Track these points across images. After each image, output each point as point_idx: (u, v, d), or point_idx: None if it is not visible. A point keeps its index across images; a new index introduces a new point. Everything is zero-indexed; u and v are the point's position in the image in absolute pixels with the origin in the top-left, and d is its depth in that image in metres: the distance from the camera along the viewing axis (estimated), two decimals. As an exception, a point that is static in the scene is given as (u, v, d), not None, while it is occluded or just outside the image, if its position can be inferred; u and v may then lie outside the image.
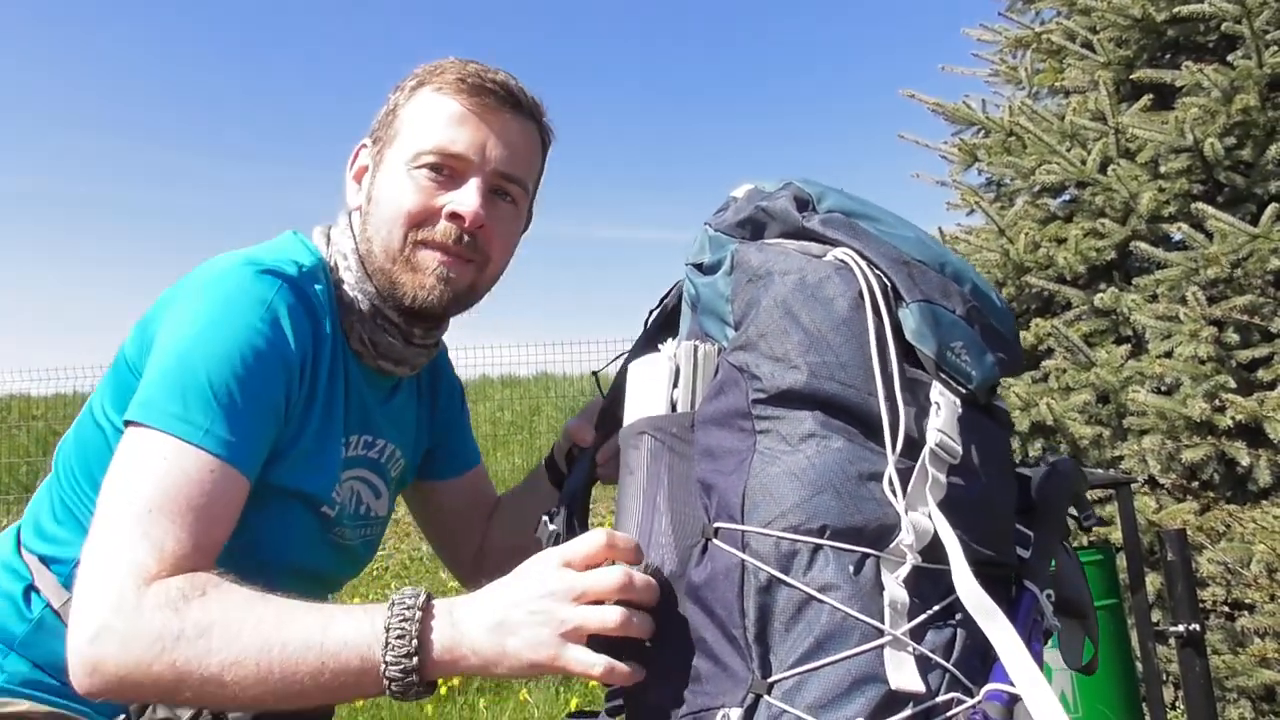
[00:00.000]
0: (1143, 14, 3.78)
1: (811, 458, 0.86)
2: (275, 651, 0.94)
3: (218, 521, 1.07)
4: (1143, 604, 2.41)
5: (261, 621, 0.95)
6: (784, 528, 0.85)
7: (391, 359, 1.33)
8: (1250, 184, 3.47)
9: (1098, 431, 3.40)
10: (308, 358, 1.21)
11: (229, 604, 0.97)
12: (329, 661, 0.94)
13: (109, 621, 0.95)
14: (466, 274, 1.29)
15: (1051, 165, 3.79)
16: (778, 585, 0.84)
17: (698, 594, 0.87)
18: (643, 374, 1.02)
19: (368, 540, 1.41)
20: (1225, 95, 3.44)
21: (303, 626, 0.95)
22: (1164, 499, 3.26)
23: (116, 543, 1.00)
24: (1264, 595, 2.94)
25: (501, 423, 10.06)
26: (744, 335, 0.94)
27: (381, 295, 1.29)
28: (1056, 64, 4.29)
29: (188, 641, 0.94)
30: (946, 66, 4.85)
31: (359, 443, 1.34)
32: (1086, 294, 3.65)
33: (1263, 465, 3.08)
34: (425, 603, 0.95)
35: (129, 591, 0.96)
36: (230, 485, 1.08)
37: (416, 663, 0.92)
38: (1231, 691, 2.97)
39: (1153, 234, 3.56)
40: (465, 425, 1.61)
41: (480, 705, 4.20)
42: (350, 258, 1.30)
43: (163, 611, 0.95)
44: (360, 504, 1.37)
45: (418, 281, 1.26)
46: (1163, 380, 3.29)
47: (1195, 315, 3.20)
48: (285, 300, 1.18)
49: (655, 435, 0.96)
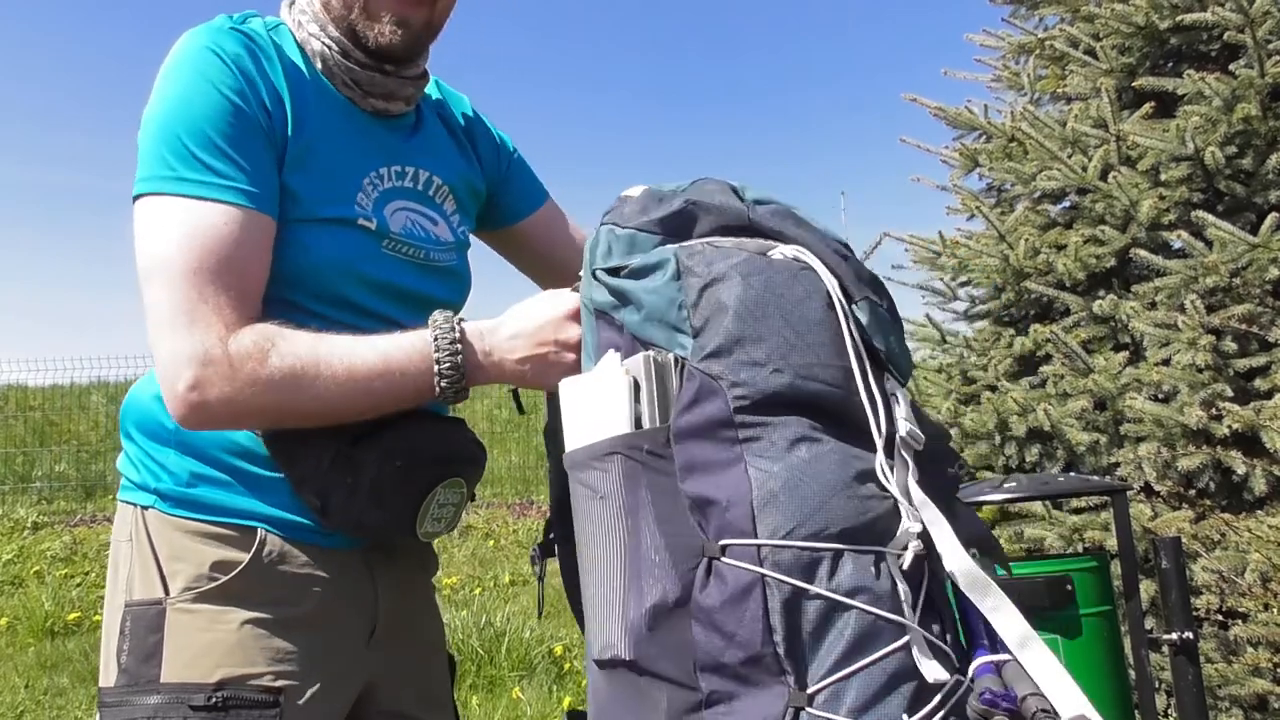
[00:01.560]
0: (1146, 22, 3.78)
1: (810, 462, 0.85)
2: (352, 382, 1.16)
3: (253, 268, 1.19)
4: (1136, 611, 2.41)
5: (332, 363, 1.15)
6: (804, 536, 0.82)
7: (380, 94, 1.38)
8: (1250, 193, 3.48)
9: (1094, 438, 3.41)
10: (283, 95, 1.27)
11: (300, 351, 1.16)
12: (394, 384, 1.18)
13: (204, 374, 1.12)
14: (420, 12, 1.34)
15: (1052, 171, 3.80)
16: (802, 596, 0.82)
17: (711, 618, 0.83)
18: (589, 392, 0.95)
19: (451, 267, 1.46)
20: (1227, 104, 3.44)
21: (364, 356, 1.17)
22: (1159, 506, 3.26)
23: (176, 311, 1.14)
24: (1258, 604, 2.94)
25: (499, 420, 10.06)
26: (713, 342, 0.89)
27: (345, 40, 1.34)
28: (1059, 70, 4.29)
29: (279, 387, 1.14)
30: (949, 71, 4.85)
31: (390, 174, 1.38)
32: (1085, 300, 3.65)
33: (1258, 474, 3.08)
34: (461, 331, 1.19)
35: (215, 349, 1.13)
36: (253, 227, 1.19)
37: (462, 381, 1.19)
38: (1224, 700, 2.97)
39: (1152, 242, 3.56)
40: (522, 170, 1.65)
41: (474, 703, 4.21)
42: (308, 10, 1.35)
43: (253, 361, 1.13)
44: (419, 230, 1.41)
45: (375, 29, 1.32)
46: (1160, 388, 3.29)
47: (1194, 323, 3.20)
48: (241, 44, 1.26)
49: (628, 454, 0.89)
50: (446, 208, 1.46)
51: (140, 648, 1.26)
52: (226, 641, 1.25)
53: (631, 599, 0.87)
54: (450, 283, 1.46)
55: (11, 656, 5.32)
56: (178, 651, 1.25)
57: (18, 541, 7.03)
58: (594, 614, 0.91)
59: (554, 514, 1.16)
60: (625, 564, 0.88)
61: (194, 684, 1.23)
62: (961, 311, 4.37)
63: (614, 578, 0.88)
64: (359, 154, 1.35)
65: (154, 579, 1.28)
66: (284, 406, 1.16)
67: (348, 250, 1.30)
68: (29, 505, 7.70)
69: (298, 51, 1.35)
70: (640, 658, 0.85)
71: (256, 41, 1.29)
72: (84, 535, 7.05)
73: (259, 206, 1.20)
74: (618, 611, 0.87)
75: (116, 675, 1.26)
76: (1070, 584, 2.29)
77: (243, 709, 1.23)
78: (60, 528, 7.23)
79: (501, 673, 4.49)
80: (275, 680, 1.26)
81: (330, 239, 1.28)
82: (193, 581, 1.27)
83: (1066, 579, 2.29)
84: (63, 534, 7.07)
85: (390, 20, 1.31)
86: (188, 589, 1.27)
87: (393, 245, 1.35)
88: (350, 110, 1.36)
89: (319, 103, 1.32)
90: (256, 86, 1.24)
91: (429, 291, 1.40)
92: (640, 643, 0.85)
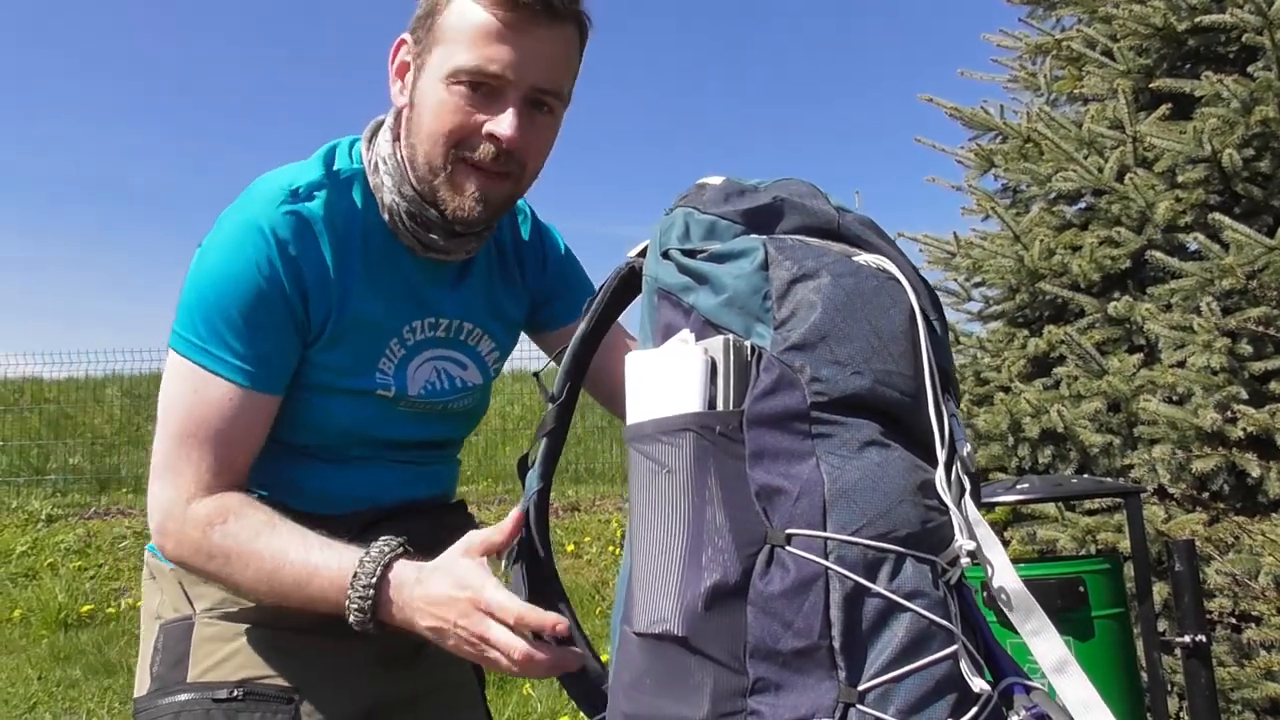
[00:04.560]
0: (1164, 23, 3.76)
1: (880, 466, 0.86)
2: (272, 585, 1.23)
3: (240, 441, 1.29)
4: (1149, 614, 2.41)
5: (262, 561, 1.22)
6: (872, 535, 0.83)
7: (439, 251, 1.39)
8: (1268, 195, 3.46)
9: (1108, 440, 3.40)
10: (329, 276, 1.31)
11: (241, 538, 1.23)
12: (313, 599, 1.21)
13: (165, 524, 1.26)
14: (504, 188, 1.34)
15: (1068, 172, 3.78)
16: (864, 593, 0.83)
17: (770, 605, 0.84)
18: (660, 367, 0.95)
19: (468, 409, 1.54)
20: (1244, 106, 3.42)
21: (293, 564, 1.21)
22: (1173, 509, 3.25)
23: (165, 461, 1.27)
24: (1271, 608, 2.93)
25: (511, 417, 10.07)
26: (797, 335, 0.90)
27: (422, 199, 1.34)
28: (1076, 71, 4.27)
29: (215, 560, 1.24)
30: (965, 71, 4.84)
31: (423, 326, 1.42)
32: (1100, 302, 3.64)
33: (1273, 477, 3.07)
34: (381, 576, 1.17)
35: (176, 508, 1.25)
36: (250, 406, 1.28)
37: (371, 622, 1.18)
38: (1236, 704, 2.96)
39: (1168, 243, 3.55)
40: (575, 276, 1.65)
41: (483, 698, 4.21)
42: (389, 161, 1.36)
43: (199, 530, 1.24)
44: (448, 378, 1.47)
45: (457, 201, 1.31)
46: (1174, 390, 3.28)
47: (1209, 326, 3.19)
48: (293, 230, 1.29)
49: (700, 433, 0.89)
50: (481, 349, 1.51)
51: (170, 657, 1.36)
52: (248, 649, 1.35)
53: (690, 576, 0.86)
54: (463, 421, 1.57)
55: (25, 648, 5.36)
56: (203, 657, 1.35)
57: (32, 534, 7.07)
58: (644, 585, 0.90)
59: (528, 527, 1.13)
60: (687, 540, 0.88)
61: (217, 682, 1.33)
62: (976, 312, 4.36)
63: (672, 552, 0.88)
64: (393, 315, 1.39)
65: (182, 601, 1.39)
66: (219, 577, 1.27)
67: (363, 414, 1.39)
68: (43, 498, 7.73)
69: (363, 205, 1.36)
70: (692, 635, 0.85)
71: (313, 226, 1.31)
72: (98, 528, 7.09)
73: (262, 389, 1.29)
74: (674, 587, 0.87)
75: (150, 683, 1.36)
76: (1083, 585, 2.29)
77: (260, 701, 1.32)
78: (74, 520, 7.26)
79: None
80: (292, 682, 1.35)
81: (349, 407, 1.38)
82: (217, 604, 1.37)
83: (1079, 580, 2.29)
84: (76, 527, 7.10)
85: (473, 195, 1.31)
86: (212, 609, 1.37)
87: (409, 405, 1.43)
88: (400, 259, 1.39)
89: (369, 267, 1.35)
90: (299, 279, 1.29)
91: (439, 435, 1.52)
92: (695, 621, 0.85)
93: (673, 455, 0.91)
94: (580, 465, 9.04)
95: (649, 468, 0.92)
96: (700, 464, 0.89)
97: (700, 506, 0.88)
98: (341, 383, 1.36)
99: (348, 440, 1.39)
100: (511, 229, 1.56)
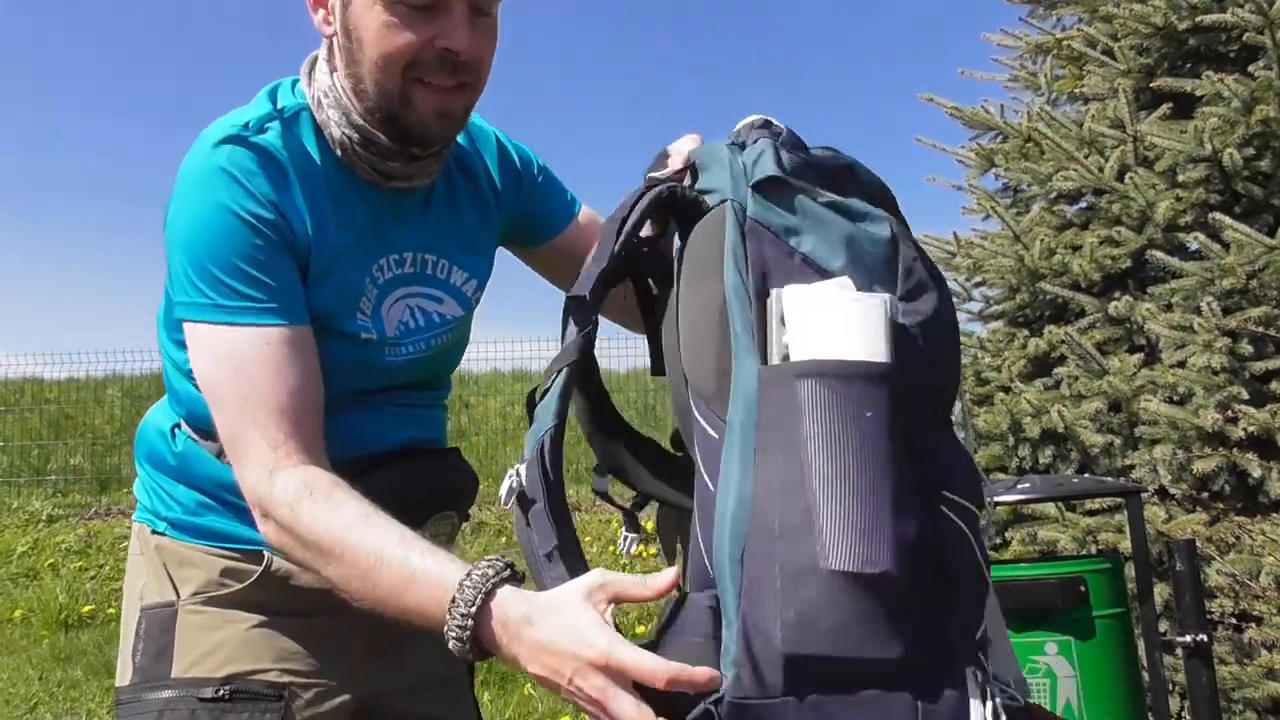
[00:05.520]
0: (1164, 22, 3.76)
1: (969, 445, 0.97)
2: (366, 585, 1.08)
3: (298, 390, 1.21)
4: (1150, 614, 2.41)
5: (357, 556, 1.08)
6: (994, 504, 0.95)
7: (401, 178, 1.35)
8: (1268, 195, 3.46)
9: (1109, 440, 3.40)
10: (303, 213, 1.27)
11: (334, 525, 1.11)
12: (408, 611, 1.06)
13: (260, 506, 1.17)
14: (462, 99, 1.31)
15: (1069, 172, 3.78)
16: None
17: (941, 554, 0.91)
18: (838, 308, 0.94)
19: (451, 343, 1.51)
20: (1245, 106, 3.42)
21: (389, 574, 1.06)
22: (1174, 509, 3.25)
23: (234, 443, 1.19)
24: (1272, 608, 2.93)
25: (512, 417, 10.07)
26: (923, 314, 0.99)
27: (371, 127, 1.30)
28: (1076, 70, 4.27)
29: (301, 548, 1.13)
30: (965, 71, 4.83)
31: (389, 263, 1.38)
32: (1100, 302, 3.64)
33: (1274, 477, 3.07)
34: (481, 606, 1.00)
35: (262, 485, 1.16)
36: (289, 342, 1.22)
37: (472, 653, 1.01)
38: (1238, 703, 2.96)
39: (1169, 243, 3.55)
40: (548, 186, 1.60)
41: (485, 699, 4.21)
42: (329, 94, 1.31)
43: (285, 506, 1.13)
44: (423, 314, 1.43)
45: (418, 119, 1.28)
46: (1175, 390, 3.28)
47: (1210, 326, 3.19)
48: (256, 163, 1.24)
49: (892, 385, 0.92)
50: (454, 280, 1.47)
51: (153, 647, 1.32)
52: (234, 640, 1.31)
53: (894, 518, 0.87)
54: (451, 354, 1.54)
55: (26, 649, 5.36)
56: (188, 649, 1.31)
57: (32, 534, 7.06)
58: (838, 523, 0.87)
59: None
60: (891, 484, 0.88)
61: (203, 679, 1.29)
62: (976, 312, 4.36)
63: (873, 493, 0.88)
64: (365, 253, 1.35)
65: (166, 585, 1.36)
66: (314, 568, 1.14)
67: (354, 357, 1.35)
68: (44, 498, 7.72)
69: (314, 142, 1.33)
70: (904, 575, 0.86)
71: (274, 156, 1.27)
72: (99, 528, 7.08)
73: (292, 320, 1.23)
74: (884, 526, 0.87)
75: (131, 674, 1.33)
76: (1084, 585, 2.29)
77: (248, 701, 1.29)
78: (75, 521, 7.25)
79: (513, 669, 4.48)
80: (281, 676, 1.32)
81: (340, 349, 1.33)
82: (203, 586, 1.34)
83: (1080, 580, 2.29)
84: (77, 527, 7.10)
85: (435, 112, 1.28)
86: (198, 593, 1.34)
87: (393, 350, 1.41)
88: (364, 193, 1.35)
89: (334, 202, 1.31)
90: (275, 206, 1.25)
91: (430, 372, 1.49)
92: (904, 561, 0.86)
93: (872, 398, 0.91)
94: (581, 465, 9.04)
95: (836, 403, 0.90)
96: (895, 413, 0.91)
97: (896, 455, 0.90)
98: (333, 324, 1.32)
99: (343, 385, 1.33)
100: (478, 153, 1.52)
